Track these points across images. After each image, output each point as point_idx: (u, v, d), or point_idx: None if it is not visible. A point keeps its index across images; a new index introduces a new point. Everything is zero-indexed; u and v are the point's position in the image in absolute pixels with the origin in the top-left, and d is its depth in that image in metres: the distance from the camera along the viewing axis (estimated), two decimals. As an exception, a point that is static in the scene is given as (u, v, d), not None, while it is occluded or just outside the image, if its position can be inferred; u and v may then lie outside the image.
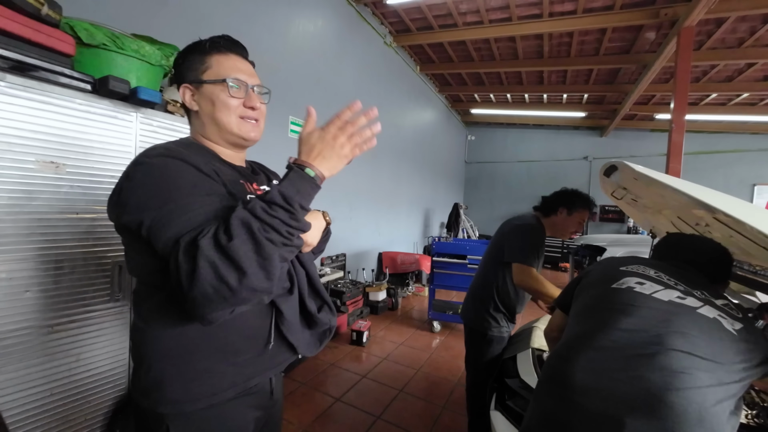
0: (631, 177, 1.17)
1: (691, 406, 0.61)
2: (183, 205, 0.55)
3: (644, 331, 0.71)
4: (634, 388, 0.65)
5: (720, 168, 6.80)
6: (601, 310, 0.81)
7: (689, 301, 0.75)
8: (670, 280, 0.82)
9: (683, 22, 3.40)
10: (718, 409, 0.62)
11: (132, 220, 0.57)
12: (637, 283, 0.82)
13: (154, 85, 1.40)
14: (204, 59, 0.70)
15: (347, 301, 3.27)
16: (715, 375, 0.64)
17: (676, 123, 3.55)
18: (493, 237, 1.67)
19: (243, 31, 2.53)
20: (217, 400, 0.64)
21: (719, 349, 0.67)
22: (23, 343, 1.06)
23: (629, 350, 0.70)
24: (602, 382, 0.69)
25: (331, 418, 1.95)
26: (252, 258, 0.51)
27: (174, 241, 0.53)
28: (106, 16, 1.58)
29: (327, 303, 0.83)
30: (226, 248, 0.50)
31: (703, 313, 0.72)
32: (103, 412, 1.27)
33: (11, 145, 1.01)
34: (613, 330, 0.74)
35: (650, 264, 0.90)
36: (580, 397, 0.70)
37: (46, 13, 1.07)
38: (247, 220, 0.52)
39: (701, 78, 4.97)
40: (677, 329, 0.69)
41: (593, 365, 0.72)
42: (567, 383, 0.73)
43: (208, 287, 0.50)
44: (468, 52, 5.03)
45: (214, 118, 0.70)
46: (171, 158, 0.60)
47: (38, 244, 1.08)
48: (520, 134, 8.52)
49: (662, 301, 0.76)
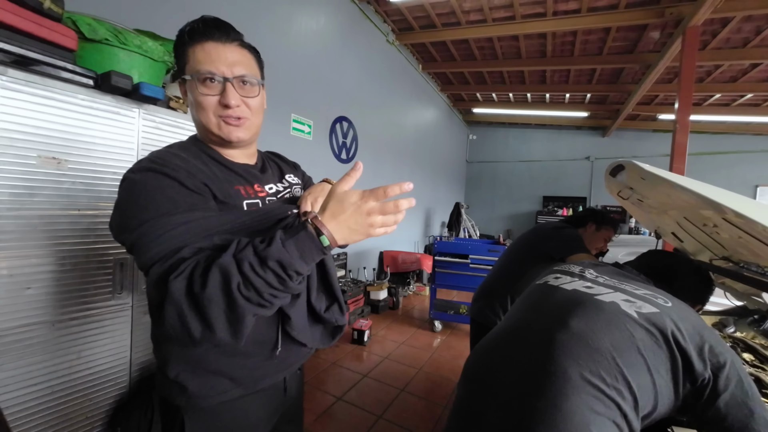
0: (639, 177, 1.15)
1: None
2: (158, 227, 0.52)
3: (538, 323, 0.75)
4: (518, 368, 0.67)
5: (722, 169, 6.78)
6: (516, 308, 0.88)
7: (595, 290, 0.77)
8: (590, 274, 0.86)
9: (688, 21, 3.38)
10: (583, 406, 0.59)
11: (120, 240, 0.57)
12: (554, 278, 0.88)
13: (157, 81, 1.39)
14: (185, 51, 0.63)
15: (348, 300, 3.27)
16: (590, 365, 0.61)
17: (681, 123, 3.53)
18: (523, 238, 1.67)
19: (245, 28, 2.51)
20: (227, 397, 0.65)
21: (608, 331, 0.65)
22: (24, 340, 1.05)
23: (519, 347, 0.73)
24: (493, 378, 0.71)
25: (332, 417, 1.94)
26: (220, 315, 0.47)
27: (147, 267, 0.52)
28: (109, 10, 1.56)
29: (338, 301, 0.79)
30: (198, 296, 0.46)
31: (600, 298, 0.73)
32: (104, 409, 1.26)
33: (13, 141, 1.00)
34: (518, 325, 0.79)
35: (586, 264, 0.95)
36: (473, 384, 0.74)
37: (48, 7, 1.05)
38: (228, 273, 0.46)
39: (705, 78, 4.94)
40: (565, 315, 0.70)
41: (491, 359, 0.76)
42: (471, 376, 0.77)
43: (170, 329, 0.49)
44: (471, 50, 5.01)
45: (196, 120, 0.65)
46: (153, 172, 0.56)
47: (40, 241, 1.07)
48: (522, 134, 8.50)
49: (565, 291, 0.80)
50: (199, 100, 0.62)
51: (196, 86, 0.61)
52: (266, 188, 0.72)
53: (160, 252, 0.51)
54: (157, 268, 0.50)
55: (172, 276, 0.48)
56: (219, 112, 0.63)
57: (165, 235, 0.52)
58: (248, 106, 0.66)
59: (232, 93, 0.62)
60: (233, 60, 0.63)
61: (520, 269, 1.56)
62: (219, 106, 0.63)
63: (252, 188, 0.69)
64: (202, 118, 0.64)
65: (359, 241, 0.54)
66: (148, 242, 0.52)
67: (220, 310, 0.47)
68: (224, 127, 0.64)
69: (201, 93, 0.61)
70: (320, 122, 3.44)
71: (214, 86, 0.62)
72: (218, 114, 0.63)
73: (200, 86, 0.61)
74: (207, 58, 0.61)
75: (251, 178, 0.71)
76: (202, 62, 0.61)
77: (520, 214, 8.54)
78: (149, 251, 0.51)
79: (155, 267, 0.50)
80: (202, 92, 0.61)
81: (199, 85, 0.61)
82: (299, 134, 3.16)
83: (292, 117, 3.05)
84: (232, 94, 0.62)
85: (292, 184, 0.80)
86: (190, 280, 0.47)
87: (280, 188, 0.76)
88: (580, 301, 0.73)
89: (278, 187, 0.75)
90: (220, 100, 0.62)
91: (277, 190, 0.74)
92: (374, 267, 4.56)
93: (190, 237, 0.53)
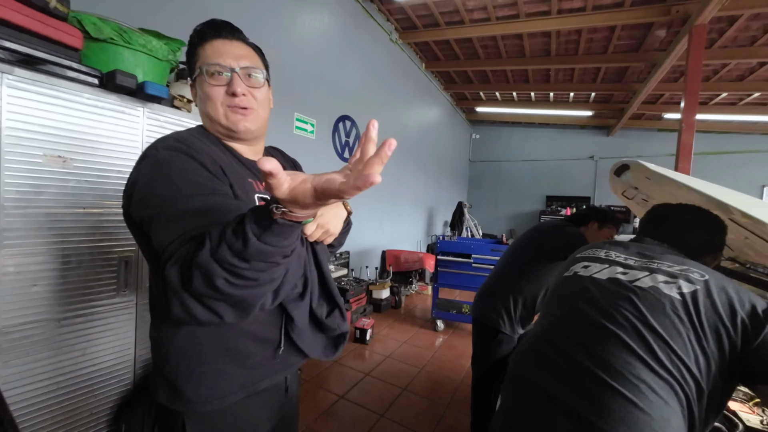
0: (644, 176, 1.15)
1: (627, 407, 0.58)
2: (180, 207, 0.53)
3: (582, 318, 0.71)
4: (572, 384, 0.64)
5: (728, 169, 6.71)
6: (550, 305, 0.84)
7: (631, 274, 0.73)
8: (619, 256, 0.80)
9: (695, 19, 3.34)
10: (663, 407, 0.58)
11: (135, 215, 0.57)
12: (583, 267, 0.83)
13: (161, 80, 1.39)
14: (195, 53, 0.67)
15: (351, 299, 3.27)
16: (656, 355, 0.60)
17: (686, 123, 3.49)
18: (525, 237, 1.66)
19: (249, 27, 2.51)
20: (226, 402, 0.64)
21: (658, 320, 0.63)
22: (30, 336, 1.06)
23: (569, 345, 0.70)
24: (546, 379, 0.69)
25: (334, 416, 1.95)
26: (220, 304, 0.49)
27: (161, 248, 0.52)
28: (114, 10, 1.57)
29: (339, 307, 0.79)
30: (191, 291, 0.46)
31: (639, 284, 0.69)
32: (109, 406, 1.27)
33: (20, 139, 1.01)
34: (558, 323, 0.75)
35: (607, 245, 0.89)
36: (528, 388, 0.71)
37: (54, 6, 1.06)
38: (209, 272, 0.43)
39: (711, 77, 4.89)
40: (611, 308, 0.68)
41: (540, 361, 0.73)
42: (519, 381, 0.74)
43: (176, 317, 0.49)
44: (474, 49, 4.98)
45: (205, 112, 0.68)
46: (178, 152, 0.58)
47: (46, 239, 1.08)
48: (525, 133, 8.46)
49: (601, 281, 0.75)
50: (207, 91, 0.65)
51: (204, 79, 0.65)
52: None
53: (179, 232, 0.51)
54: (171, 248, 0.50)
55: (169, 263, 0.47)
56: (226, 102, 0.66)
57: (187, 214, 0.52)
58: (254, 96, 0.68)
59: (238, 82, 0.65)
60: (239, 54, 0.66)
61: (523, 268, 1.55)
62: (226, 96, 0.65)
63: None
64: (210, 110, 0.66)
65: None
66: (167, 221, 0.52)
67: (216, 300, 0.47)
68: (231, 116, 0.66)
69: (209, 84, 0.64)
70: (323, 121, 3.44)
71: (222, 78, 0.65)
72: (225, 104, 0.66)
73: (208, 78, 0.64)
74: (215, 53, 0.65)
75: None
76: (211, 56, 0.65)
77: (523, 213, 8.51)
78: (166, 230, 0.52)
79: (172, 246, 0.50)
80: (210, 83, 0.64)
81: (207, 78, 0.64)
82: (302, 133, 3.16)
83: (295, 116, 3.06)
84: (237, 82, 0.65)
85: None
86: (181, 273, 0.46)
87: None
88: (621, 292, 0.70)
89: None
90: (227, 89, 0.65)
91: None
92: (377, 266, 4.56)
93: (208, 219, 0.52)
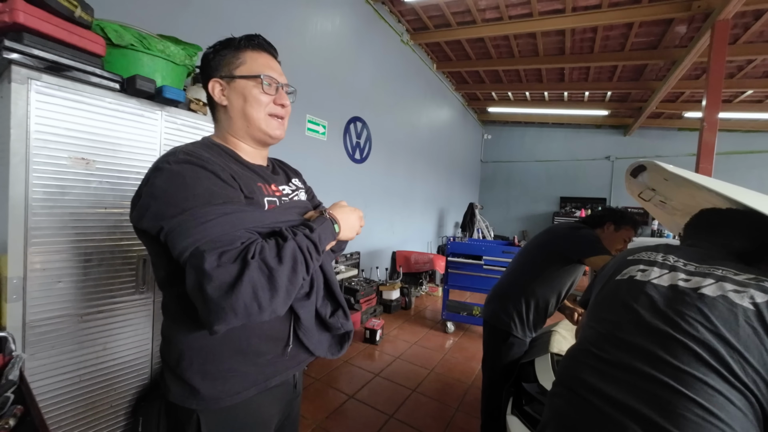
0: (661, 178, 1.11)
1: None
2: (199, 215, 0.55)
3: (643, 325, 0.67)
4: (638, 392, 0.61)
5: (755, 169, 6.43)
6: (603, 309, 0.79)
7: (694, 281, 0.68)
8: (678, 261, 0.75)
9: (718, 14, 3.22)
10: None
11: (151, 226, 0.58)
12: (639, 271, 0.77)
13: (178, 84, 1.44)
14: (238, 54, 0.71)
15: (361, 299, 3.29)
16: (730, 367, 0.57)
17: (708, 121, 3.37)
18: (538, 238, 1.62)
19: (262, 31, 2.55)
20: (239, 399, 0.66)
21: (731, 331, 0.59)
22: (56, 330, 1.11)
23: (630, 351, 0.66)
24: (608, 385, 0.65)
25: (344, 415, 1.96)
26: (284, 284, 0.56)
27: (190, 250, 0.54)
28: (134, 17, 1.63)
29: (342, 307, 0.82)
30: (274, 271, 0.54)
31: (706, 292, 0.65)
32: (128, 399, 1.32)
33: (47, 142, 1.06)
34: (615, 329, 0.71)
35: (662, 248, 0.83)
36: (588, 394, 0.67)
37: (79, 15, 1.11)
38: (296, 253, 0.58)
39: (736, 74, 4.70)
40: (677, 317, 0.64)
41: (600, 367, 0.69)
42: (575, 385, 0.71)
43: (242, 303, 0.52)
44: (486, 49, 4.94)
45: (244, 113, 0.71)
46: (190, 165, 0.60)
47: (70, 237, 1.13)
48: (539, 133, 8.32)
49: (662, 287, 0.70)
50: (257, 96, 0.71)
51: (257, 85, 0.71)
52: (280, 188, 0.79)
53: (204, 236, 0.54)
54: (210, 252, 0.52)
55: (249, 255, 0.54)
56: (271, 110, 0.73)
57: (208, 223, 0.55)
58: (287, 110, 0.77)
59: (284, 96, 0.75)
60: (281, 71, 0.76)
61: (535, 271, 1.52)
62: (273, 105, 0.73)
63: (270, 187, 0.75)
64: (253, 113, 0.71)
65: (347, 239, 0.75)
66: (188, 228, 0.54)
67: (285, 280, 0.56)
68: (270, 122, 0.74)
69: (263, 91, 0.71)
70: (334, 123, 3.47)
71: (271, 88, 0.72)
72: (269, 112, 0.73)
73: (263, 86, 0.71)
74: (268, 66, 0.73)
75: (268, 177, 0.77)
76: (265, 67, 0.72)
77: (536, 215, 8.36)
78: (189, 237, 0.54)
79: (205, 247, 0.53)
80: (265, 90, 0.71)
81: (262, 85, 0.71)
82: (314, 135, 3.20)
83: (307, 117, 3.10)
84: (284, 96, 0.75)
85: (298, 187, 0.87)
86: (264, 258, 0.54)
87: (289, 190, 0.82)
88: (687, 300, 0.66)
89: (288, 189, 0.82)
90: (275, 99, 0.73)
91: (287, 191, 0.81)
92: (387, 267, 4.56)
93: (230, 227, 0.57)
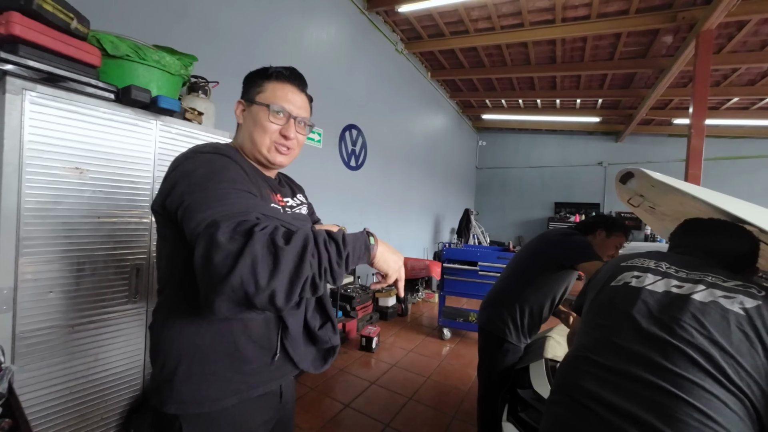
0: (648, 184, 1.14)
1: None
2: (222, 194, 0.59)
3: (641, 332, 0.69)
4: (638, 397, 0.63)
5: (743, 174, 6.56)
6: (600, 315, 0.81)
7: (686, 287, 0.71)
8: (670, 268, 0.78)
9: (702, 25, 3.33)
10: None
11: (173, 201, 0.61)
12: (634, 278, 0.80)
13: (173, 94, 1.45)
14: (262, 83, 0.76)
15: (357, 307, 3.27)
16: (723, 370, 0.59)
17: (696, 128, 3.45)
18: (531, 245, 1.63)
19: (258, 41, 2.60)
20: (220, 405, 0.67)
21: (724, 336, 0.61)
22: (46, 341, 1.10)
23: (628, 358, 0.68)
24: (608, 392, 0.67)
25: (340, 425, 1.94)
26: (288, 268, 0.52)
27: (207, 221, 0.54)
28: (130, 28, 1.65)
29: (331, 320, 0.84)
30: (279, 249, 0.51)
31: (698, 298, 0.67)
32: (119, 411, 1.29)
33: (41, 152, 1.06)
34: (613, 335, 0.73)
35: (654, 255, 0.86)
36: (588, 401, 0.68)
37: (75, 26, 1.12)
38: (308, 240, 0.55)
39: (722, 82, 4.83)
40: (672, 323, 0.66)
41: (599, 374, 0.70)
42: (575, 392, 0.72)
43: (239, 277, 0.49)
44: (479, 58, 5.03)
45: (251, 136, 0.76)
46: (219, 155, 0.67)
47: (62, 247, 1.12)
48: (532, 139, 8.43)
49: (657, 293, 0.73)
50: (264, 124, 0.75)
51: (267, 113, 0.74)
52: (285, 200, 0.84)
53: (222, 211, 0.55)
54: (231, 221, 0.53)
55: (256, 227, 0.53)
56: (275, 139, 0.76)
57: (228, 200, 0.58)
58: (297, 141, 0.80)
59: (292, 128, 0.77)
60: (301, 104, 0.79)
61: (528, 277, 1.53)
62: (278, 135, 0.76)
63: (276, 196, 0.80)
64: (258, 138, 0.75)
65: (382, 268, 0.67)
66: (210, 202, 0.57)
67: (290, 264, 0.52)
68: (273, 152, 0.77)
69: (270, 120, 0.75)
70: (330, 131, 3.50)
71: (281, 119, 0.76)
72: (274, 140, 0.76)
73: (271, 115, 0.74)
74: (284, 97, 0.76)
75: (275, 188, 0.83)
76: (280, 98, 0.76)
77: (531, 220, 8.43)
78: (209, 209, 0.56)
79: (226, 220, 0.53)
80: (271, 120, 0.75)
81: (270, 114, 0.74)
82: (309, 142, 3.22)
83: (302, 125, 3.12)
84: (292, 128, 0.77)
85: (302, 202, 0.93)
86: (273, 235, 0.53)
87: (294, 204, 0.87)
88: (680, 305, 0.68)
89: (293, 202, 0.87)
90: (281, 130, 0.76)
91: (291, 204, 0.86)
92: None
93: (249, 207, 0.59)
